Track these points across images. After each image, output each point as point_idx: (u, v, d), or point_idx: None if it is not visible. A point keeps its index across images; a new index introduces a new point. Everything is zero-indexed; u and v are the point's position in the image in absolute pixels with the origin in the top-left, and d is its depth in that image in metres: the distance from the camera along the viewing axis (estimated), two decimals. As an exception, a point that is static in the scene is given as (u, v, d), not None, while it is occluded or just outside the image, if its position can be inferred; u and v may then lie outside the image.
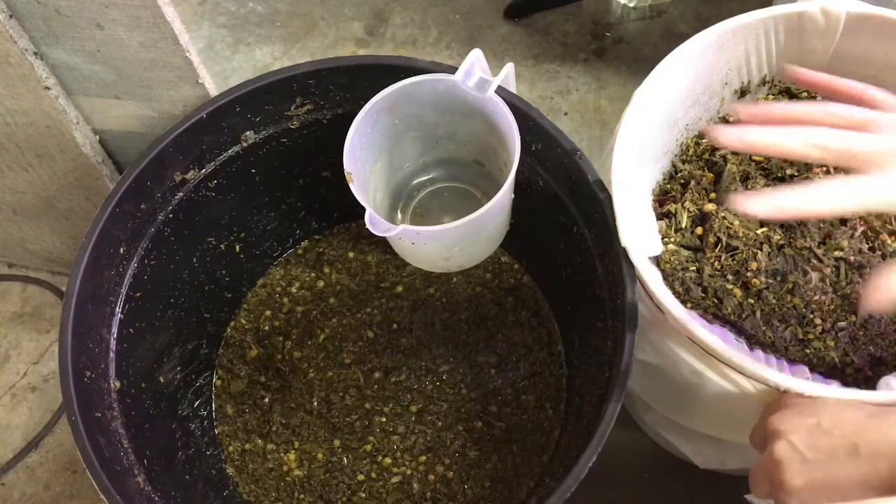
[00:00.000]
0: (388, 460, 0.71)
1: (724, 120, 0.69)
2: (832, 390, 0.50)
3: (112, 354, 0.61)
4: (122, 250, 0.62)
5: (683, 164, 0.67)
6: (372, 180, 0.65)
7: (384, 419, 0.73)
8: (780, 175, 0.65)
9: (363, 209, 0.55)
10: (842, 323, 0.59)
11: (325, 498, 0.71)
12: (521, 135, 0.57)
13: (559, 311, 0.76)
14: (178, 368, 0.71)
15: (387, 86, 0.59)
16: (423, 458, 0.71)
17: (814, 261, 0.59)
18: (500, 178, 0.63)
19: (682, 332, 0.53)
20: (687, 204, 0.63)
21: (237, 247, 0.75)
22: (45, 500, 0.83)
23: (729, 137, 0.43)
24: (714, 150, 0.67)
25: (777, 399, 0.51)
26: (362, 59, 0.66)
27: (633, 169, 0.59)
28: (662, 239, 0.61)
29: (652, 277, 0.55)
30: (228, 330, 0.78)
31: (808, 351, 0.57)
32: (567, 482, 0.50)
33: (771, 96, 0.69)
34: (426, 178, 0.72)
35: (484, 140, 0.65)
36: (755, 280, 0.58)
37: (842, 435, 0.45)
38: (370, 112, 0.59)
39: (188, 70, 0.64)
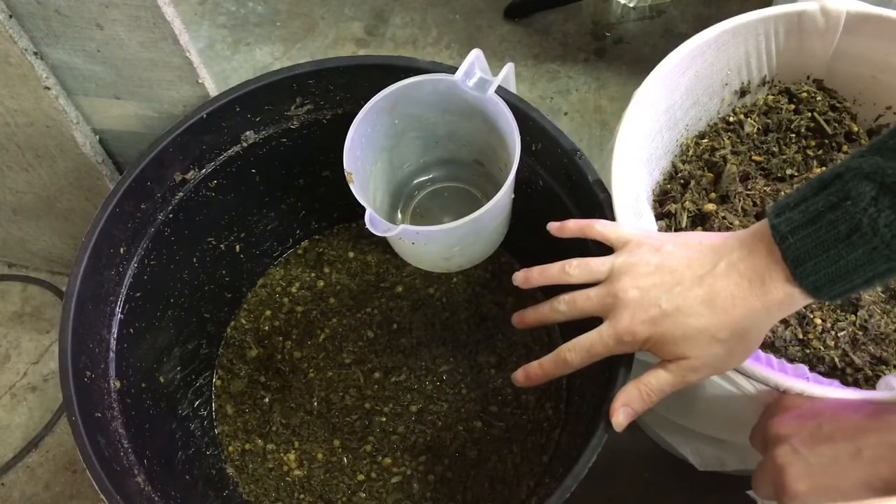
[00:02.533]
0: (388, 460, 0.71)
1: (725, 121, 0.69)
2: (832, 390, 0.50)
3: (112, 354, 0.61)
4: (122, 250, 0.62)
5: (683, 164, 0.67)
6: (372, 180, 0.65)
7: (384, 419, 0.73)
8: (779, 175, 0.65)
9: (363, 209, 0.55)
10: (842, 323, 0.59)
11: (325, 498, 0.71)
12: (521, 135, 0.57)
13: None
14: (178, 368, 0.71)
15: (387, 86, 0.59)
16: (423, 458, 0.71)
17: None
18: (500, 178, 0.63)
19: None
20: (687, 204, 0.63)
21: (237, 247, 0.75)
22: (45, 500, 0.83)
23: (516, 320, 0.58)
24: (714, 150, 0.67)
25: (777, 400, 0.51)
26: (362, 59, 0.66)
27: (633, 169, 0.59)
28: (662, 239, 0.61)
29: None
30: (228, 330, 0.78)
31: (808, 351, 0.57)
32: (567, 482, 0.50)
33: (771, 96, 0.69)
34: (426, 178, 0.72)
35: (484, 140, 0.65)
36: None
37: (843, 438, 0.45)
38: (370, 112, 0.59)
39: (188, 70, 0.64)
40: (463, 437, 0.72)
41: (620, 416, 0.49)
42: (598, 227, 0.54)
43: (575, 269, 0.53)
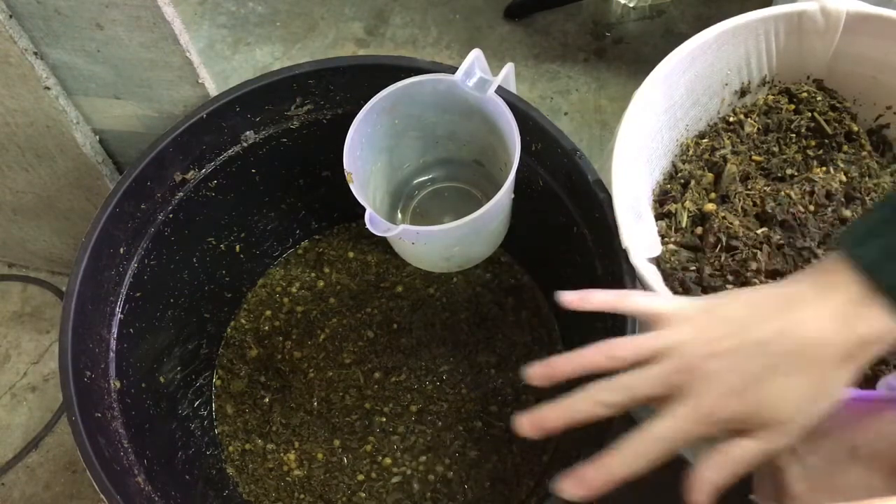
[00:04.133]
0: (388, 460, 0.71)
1: (725, 121, 0.69)
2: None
3: (112, 354, 0.61)
4: (122, 250, 0.62)
5: (683, 164, 0.67)
6: (372, 180, 0.65)
7: (384, 419, 0.73)
8: (779, 175, 0.65)
9: (363, 209, 0.55)
10: (842, 323, 0.58)
11: (325, 498, 0.71)
12: (521, 135, 0.57)
13: (559, 312, 0.76)
14: (178, 368, 0.71)
15: (387, 86, 0.59)
16: (423, 458, 0.71)
17: (814, 260, 0.59)
18: (500, 178, 0.63)
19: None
20: (687, 204, 0.63)
21: (237, 247, 0.75)
22: (45, 500, 0.82)
23: (525, 426, 0.45)
24: (714, 150, 0.67)
25: None
26: (362, 59, 0.66)
27: (633, 169, 0.59)
28: (662, 239, 0.61)
29: (652, 277, 0.55)
30: (228, 330, 0.78)
31: (808, 351, 0.57)
32: (567, 482, 0.50)
33: (771, 96, 0.69)
34: (426, 178, 0.72)
35: (484, 140, 0.65)
36: (755, 280, 0.58)
37: (840, 437, 0.45)
38: (370, 112, 0.59)
39: (188, 70, 0.64)
40: (463, 437, 0.72)
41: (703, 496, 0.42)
42: (634, 299, 0.46)
43: (626, 350, 0.43)
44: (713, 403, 0.40)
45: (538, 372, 0.44)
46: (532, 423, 0.44)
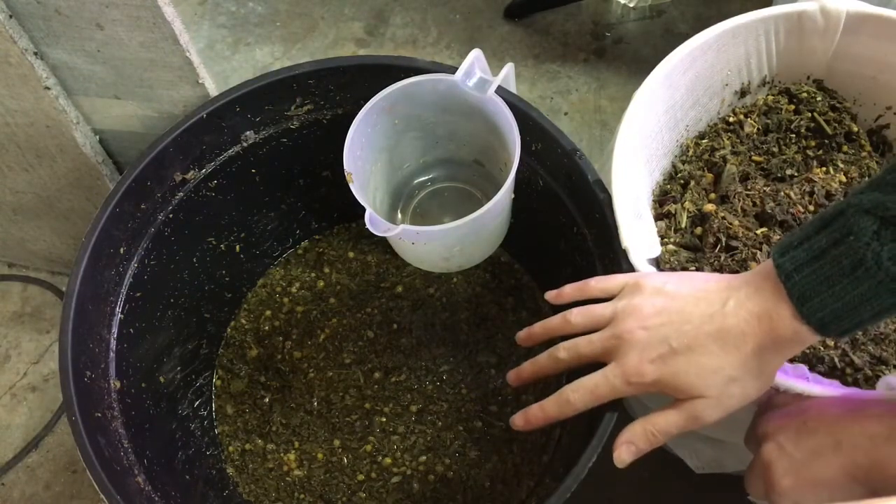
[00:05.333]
0: (388, 460, 0.71)
1: (725, 121, 0.69)
2: (831, 390, 0.50)
3: (112, 354, 0.61)
4: (122, 250, 0.62)
5: (683, 164, 0.67)
6: (372, 180, 0.65)
7: (384, 419, 0.73)
8: (779, 175, 0.65)
9: (363, 209, 0.56)
10: (842, 323, 0.58)
11: (325, 498, 0.71)
12: (521, 135, 0.57)
13: (558, 312, 0.76)
14: (178, 368, 0.71)
15: (387, 86, 0.59)
16: (423, 458, 0.71)
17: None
18: (500, 178, 0.63)
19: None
20: (686, 204, 0.63)
21: (237, 247, 0.75)
22: (45, 500, 0.83)
23: (511, 377, 0.57)
24: (714, 150, 0.67)
25: (767, 399, 0.51)
26: (362, 59, 0.66)
27: (633, 169, 0.59)
28: (662, 239, 0.61)
29: (652, 277, 0.55)
30: (228, 330, 0.78)
31: (807, 350, 0.57)
32: (567, 482, 0.50)
33: (770, 96, 0.69)
34: (426, 178, 0.72)
35: (484, 140, 0.65)
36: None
37: (826, 432, 0.46)
38: (370, 112, 0.60)
39: (188, 70, 0.64)
40: (463, 436, 0.72)
41: (623, 454, 0.48)
42: (594, 284, 0.54)
43: (577, 316, 0.52)
44: (634, 367, 0.47)
45: (521, 336, 0.57)
46: (516, 374, 0.56)
